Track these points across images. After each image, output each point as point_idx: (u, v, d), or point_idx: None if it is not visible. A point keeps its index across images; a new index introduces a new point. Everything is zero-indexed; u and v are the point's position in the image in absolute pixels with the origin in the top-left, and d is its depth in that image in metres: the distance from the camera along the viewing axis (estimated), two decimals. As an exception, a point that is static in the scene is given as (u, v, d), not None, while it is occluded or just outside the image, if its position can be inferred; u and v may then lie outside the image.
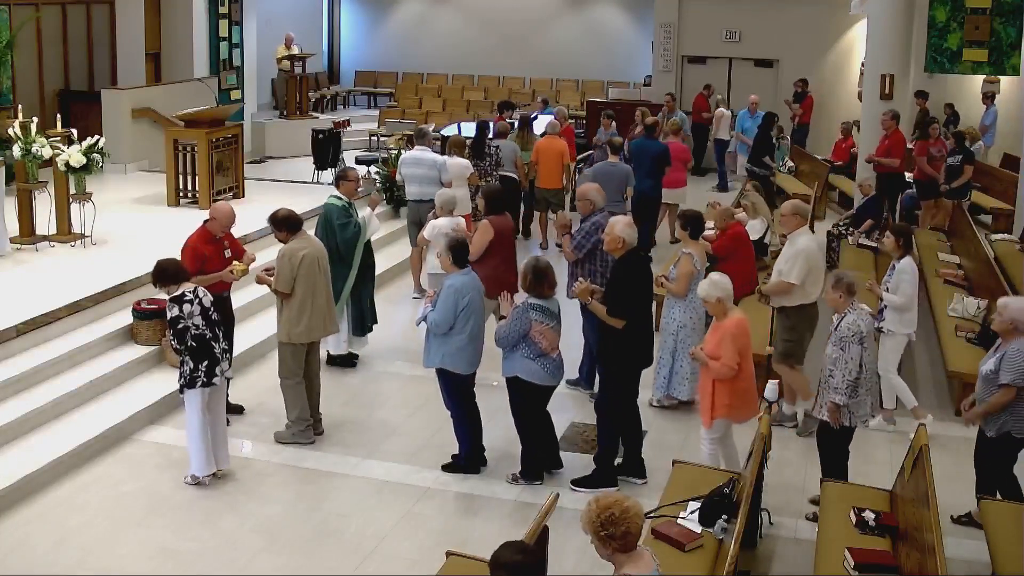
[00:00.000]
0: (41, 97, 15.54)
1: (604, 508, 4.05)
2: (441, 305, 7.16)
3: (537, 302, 7.01)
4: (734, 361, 6.69)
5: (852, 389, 6.63)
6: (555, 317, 7.09)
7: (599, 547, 4.12)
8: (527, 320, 6.96)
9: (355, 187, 9.36)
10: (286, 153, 17.18)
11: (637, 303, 7.19)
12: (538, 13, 22.42)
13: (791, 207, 8.46)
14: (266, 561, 6.33)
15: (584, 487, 7.15)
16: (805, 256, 8.10)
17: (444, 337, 7.18)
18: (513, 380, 7.14)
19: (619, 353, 7.16)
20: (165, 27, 17.47)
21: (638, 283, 7.23)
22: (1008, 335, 6.53)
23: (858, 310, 6.80)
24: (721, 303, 6.83)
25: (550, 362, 7.08)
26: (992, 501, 6.43)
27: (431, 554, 6.13)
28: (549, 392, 7.27)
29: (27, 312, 8.55)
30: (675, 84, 19.89)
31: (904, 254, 8.35)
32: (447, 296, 7.15)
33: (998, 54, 13.34)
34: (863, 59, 15.39)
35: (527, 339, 6.97)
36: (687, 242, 8.57)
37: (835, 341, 6.73)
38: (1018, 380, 6.36)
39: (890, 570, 5.55)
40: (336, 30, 23.94)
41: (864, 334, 6.67)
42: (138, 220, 11.97)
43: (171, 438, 7.81)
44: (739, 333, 6.77)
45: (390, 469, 7.52)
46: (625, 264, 7.23)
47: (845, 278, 6.85)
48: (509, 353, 7.09)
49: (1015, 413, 6.44)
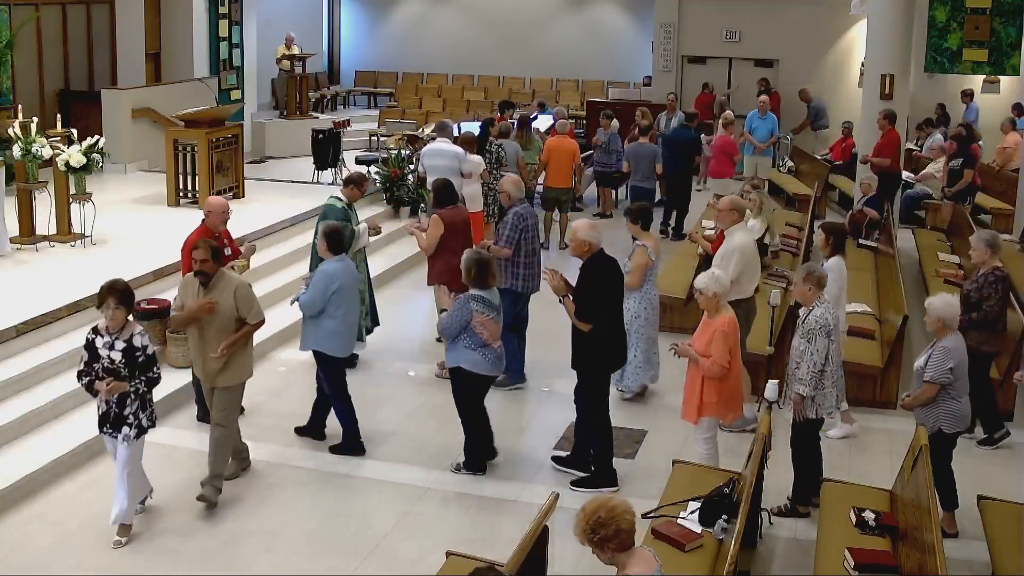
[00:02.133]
0: (41, 97, 15.53)
1: (591, 513, 4.07)
2: (312, 287, 7.51)
3: (479, 293, 7.18)
4: (725, 360, 6.72)
5: (817, 381, 6.68)
6: (495, 308, 7.26)
7: (598, 553, 4.12)
8: (468, 311, 7.12)
9: (360, 195, 9.42)
10: (286, 153, 17.18)
11: (606, 305, 7.21)
12: (538, 13, 22.43)
13: (728, 203, 8.53)
14: (266, 561, 6.33)
15: (584, 487, 7.16)
16: (740, 252, 8.19)
17: (315, 321, 7.49)
18: (456, 371, 7.28)
19: (592, 355, 7.20)
20: (165, 27, 17.46)
21: (606, 285, 7.23)
22: (939, 333, 6.64)
23: (825, 304, 6.85)
24: (716, 299, 6.84)
25: (491, 352, 7.24)
26: (992, 501, 6.43)
27: (431, 554, 6.13)
28: (489, 382, 7.45)
29: (27, 312, 8.55)
30: (675, 84, 19.90)
31: (833, 253, 8.32)
32: (319, 280, 7.49)
33: (998, 54, 13.34)
34: (863, 59, 15.39)
35: (469, 330, 7.13)
36: (640, 234, 8.61)
37: (802, 334, 6.79)
38: (938, 378, 6.50)
39: (890, 570, 5.55)
40: (336, 30, 23.94)
41: (831, 327, 6.73)
42: (138, 220, 11.97)
43: (171, 438, 7.80)
44: (731, 332, 6.81)
45: (390, 469, 7.52)
46: (592, 267, 7.20)
47: (815, 271, 6.90)
48: (452, 344, 7.24)
49: (944, 410, 6.56)
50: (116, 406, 6.31)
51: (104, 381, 6.25)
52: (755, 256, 8.47)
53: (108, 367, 6.28)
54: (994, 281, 7.89)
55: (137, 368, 6.30)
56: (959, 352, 6.57)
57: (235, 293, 6.75)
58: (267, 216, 12.18)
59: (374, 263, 10.12)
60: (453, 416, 7.58)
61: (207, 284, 6.75)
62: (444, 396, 8.72)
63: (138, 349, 6.30)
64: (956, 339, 6.62)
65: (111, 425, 6.36)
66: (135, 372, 6.30)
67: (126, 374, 6.28)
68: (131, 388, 6.28)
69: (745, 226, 8.53)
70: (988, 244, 8.00)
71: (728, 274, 7.98)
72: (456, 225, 9.03)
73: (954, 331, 6.64)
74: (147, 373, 6.35)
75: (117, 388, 6.24)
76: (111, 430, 6.37)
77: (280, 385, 8.93)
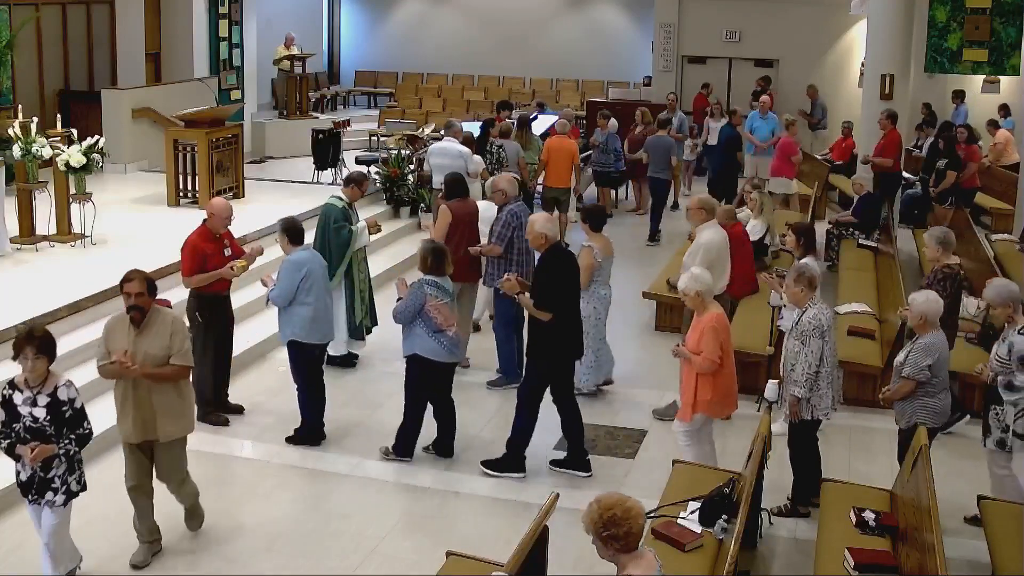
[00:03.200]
0: (41, 97, 15.54)
1: (606, 508, 4.04)
2: (281, 279, 7.63)
3: (432, 279, 7.33)
4: (716, 355, 6.74)
5: (813, 382, 6.68)
6: (449, 294, 7.42)
7: (601, 548, 4.10)
8: (423, 294, 7.25)
9: (361, 194, 9.46)
10: (286, 153, 17.17)
11: (563, 295, 7.32)
12: (538, 13, 22.43)
13: (697, 201, 8.74)
14: (266, 561, 6.33)
15: (492, 470, 7.38)
16: (706, 249, 8.33)
17: (288, 311, 7.60)
18: (412, 358, 7.38)
19: (549, 346, 7.28)
20: (165, 27, 17.47)
21: (563, 276, 7.38)
22: (920, 329, 6.68)
23: (818, 304, 6.85)
24: (700, 297, 6.88)
25: (447, 339, 7.33)
26: (992, 501, 6.43)
27: (431, 554, 6.13)
28: (448, 370, 7.51)
29: (27, 312, 8.54)
30: (675, 84, 19.90)
31: (805, 253, 8.39)
32: (286, 270, 7.64)
33: (998, 54, 13.35)
34: (863, 59, 15.39)
35: (423, 315, 7.24)
36: (590, 235, 8.68)
37: (796, 335, 6.78)
38: (915, 374, 6.54)
39: (890, 570, 5.54)
40: (336, 30, 23.94)
41: (825, 328, 6.73)
42: (138, 220, 11.97)
43: (171, 438, 7.80)
44: (720, 327, 6.82)
45: (390, 469, 7.52)
46: (549, 258, 7.39)
47: (806, 272, 6.90)
48: (408, 333, 7.34)
49: (921, 406, 6.61)
50: (41, 470, 5.56)
51: (28, 446, 5.44)
52: (723, 253, 8.55)
53: (31, 427, 5.48)
54: (943, 278, 8.00)
55: (64, 425, 5.54)
56: (938, 349, 6.61)
57: (172, 332, 5.97)
58: (267, 216, 12.16)
59: (374, 263, 10.12)
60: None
61: (140, 322, 5.95)
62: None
63: (64, 403, 5.53)
64: (937, 336, 6.65)
65: (35, 491, 5.63)
66: (62, 430, 5.53)
67: (52, 433, 5.51)
68: (59, 450, 5.53)
69: (714, 224, 8.61)
70: (939, 242, 8.11)
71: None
72: (463, 218, 9.14)
73: (936, 328, 6.67)
74: (76, 430, 5.60)
75: (44, 453, 5.46)
76: (35, 496, 5.64)
77: (280, 385, 8.92)
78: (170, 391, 6.05)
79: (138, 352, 5.90)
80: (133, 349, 5.90)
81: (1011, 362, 6.45)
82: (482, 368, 9.32)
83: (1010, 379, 6.46)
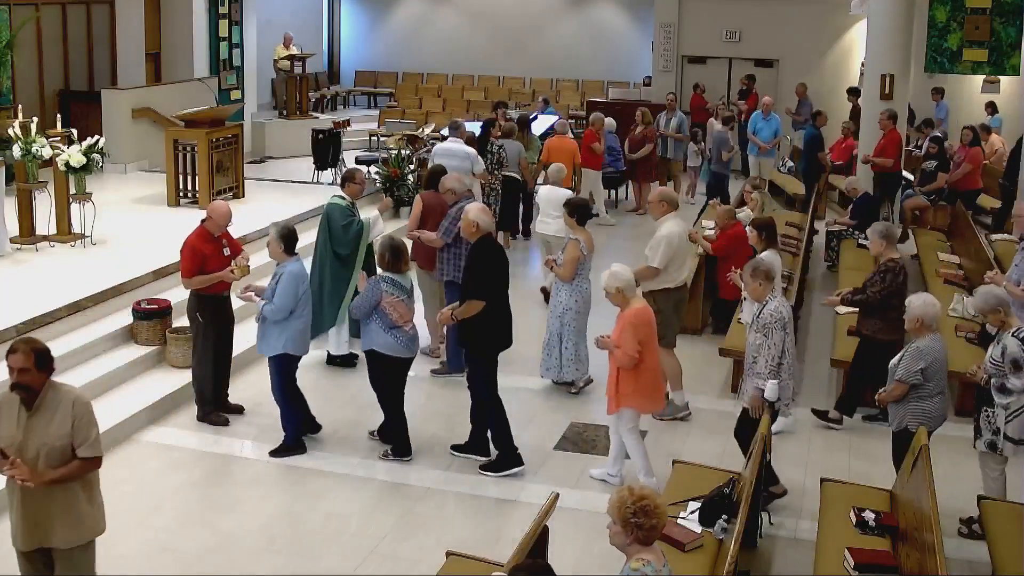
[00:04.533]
0: (41, 97, 15.54)
1: (641, 496, 4.12)
2: (282, 291, 7.41)
3: (390, 276, 7.43)
4: (634, 350, 6.82)
5: (776, 375, 6.73)
6: (407, 292, 7.48)
7: (619, 534, 4.13)
8: (379, 291, 7.33)
9: (361, 189, 9.48)
10: (286, 153, 17.17)
11: (493, 286, 7.41)
12: (538, 13, 22.42)
13: (657, 195, 8.86)
14: (266, 561, 6.33)
15: (491, 471, 7.41)
16: (667, 241, 8.38)
17: (284, 323, 7.46)
18: (370, 353, 7.48)
19: (480, 336, 7.41)
20: (165, 27, 17.47)
21: (493, 266, 7.48)
22: (916, 332, 6.72)
23: (779, 297, 6.90)
24: (621, 293, 6.98)
25: (403, 335, 7.41)
26: (992, 501, 6.43)
27: (431, 554, 6.13)
28: (406, 365, 7.58)
29: (27, 312, 8.54)
30: (675, 84, 19.89)
31: (766, 247, 8.48)
32: (288, 282, 7.43)
33: (998, 54, 13.35)
34: (863, 59, 15.38)
35: (379, 311, 7.31)
36: (574, 228, 8.81)
37: (758, 328, 6.84)
38: (908, 378, 6.59)
39: (890, 570, 5.55)
40: (336, 30, 23.94)
41: (786, 320, 6.78)
42: (138, 220, 11.97)
43: (171, 438, 7.82)
44: (639, 323, 6.90)
45: (390, 469, 7.52)
46: (480, 248, 7.51)
47: (761, 266, 6.96)
48: (365, 328, 7.44)
49: (911, 409, 6.64)
50: None
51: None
52: (683, 245, 8.64)
53: None
54: (884, 271, 8.13)
55: None
56: (933, 353, 6.62)
57: (75, 417, 4.81)
58: (267, 216, 12.14)
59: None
60: (453, 416, 7.60)
61: (32, 404, 4.80)
62: (444, 396, 8.75)
63: None
64: (933, 340, 6.67)
65: None
66: None
67: None
68: None
69: (675, 217, 8.72)
70: (881, 236, 8.25)
71: (655, 263, 8.34)
72: (435, 207, 9.35)
73: (932, 332, 6.69)
74: None
75: None
76: None
77: (280, 385, 8.93)
78: (73, 489, 4.89)
79: (31, 440, 4.77)
80: (23, 437, 4.78)
81: (1004, 365, 6.46)
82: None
83: (1003, 382, 6.47)
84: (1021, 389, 6.42)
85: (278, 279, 7.47)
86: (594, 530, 6.30)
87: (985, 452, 6.65)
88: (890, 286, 8.06)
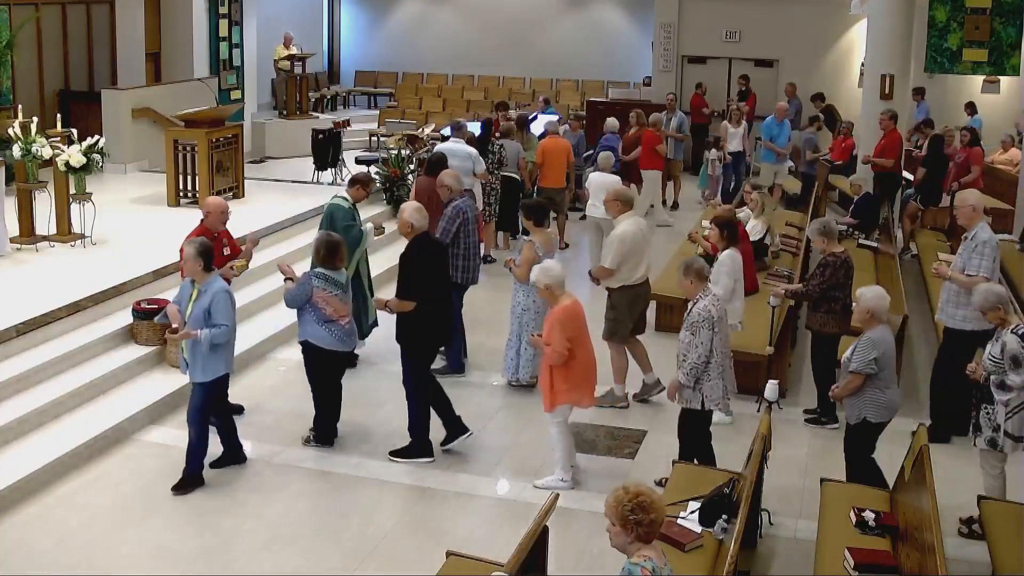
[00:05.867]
0: (41, 97, 15.54)
1: (636, 494, 4.11)
2: (224, 311, 6.94)
3: (323, 271, 7.51)
4: (563, 346, 6.91)
5: (702, 372, 6.80)
6: (340, 286, 7.59)
7: (620, 533, 4.12)
8: (309, 286, 7.47)
9: (366, 196, 9.52)
10: (286, 153, 17.18)
11: (429, 284, 7.52)
12: (538, 13, 22.41)
13: (613, 194, 8.97)
14: (266, 561, 6.33)
15: (402, 458, 7.56)
16: (619, 241, 8.50)
17: (218, 345, 6.98)
18: (304, 344, 7.62)
19: (415, 333, 7.53)
20: (165, 27, 17.47)
21: (428, 265, 7.58)
22: (866, 324, 6.78)
23: (710, 296, 6.96)
24: (550, 290, 7.08)
25: (338, 328, 7.55)
26: (992, 501, 6.43)
27: (431, 554, 6.13)
28: (340, 358, 7.75)
29: (27, 312, 8.54)
30: (675, 84, 19.89)
31: (727, 246, 8.54)
32: (225, 300, 6.97)
33: (998, 54, 13.34)
34: (863, 59, 15.38)
35: (313, 305, 7.46)
36: (532, 230, 8.91)
37: (687, 326, 6.92)
38: (862, 368, 6.64)
39: (890, 570, 5.55)
40: (336, 30, 23.93)
41: (716, 319, 6.84)
42: (138, 220, 11.97)
43: (171, 438, 7.81)
44: (567, 319, 6.98)
45: (390, 469, 7.52)
46: (415, 246, 7.59)
47: (694, 264, 7.03)
48: (301, 320, 7.59)
49: (870, 400, 6.69)
50: None
51: None
52: (639, 244, 8.70)
53: None
54: (824, 265, 8.22)
55: None
56: (884, 344, 6.70)
57: None
58: (267, 216, 12.18)
59: (374, 263, 10.12)
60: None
61: None
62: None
63: None
64: (883, 331, 6.76)
65: None
66: None
67: None
68: None
69: (632, 216, 8.81)
70: (820, 232, 8.37)
71: (607, 263, 8.48)
72: (424, 191, 10.08)
73: (882, 323, 6.77)
74: None
75: None
76: None
77: (280, 385, 8.93)
78: None
79: None
80: None
81: (1004, 362, 6.47)
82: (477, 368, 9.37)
83: (1003, 379, 6.49)
84: (1021, 385, 6.43)
85: (210, 300, 6.90)
86: (594, 530, 6.31)
87: (985, 449, 6.65)
88: (830, 279, 8.16)
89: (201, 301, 6.93)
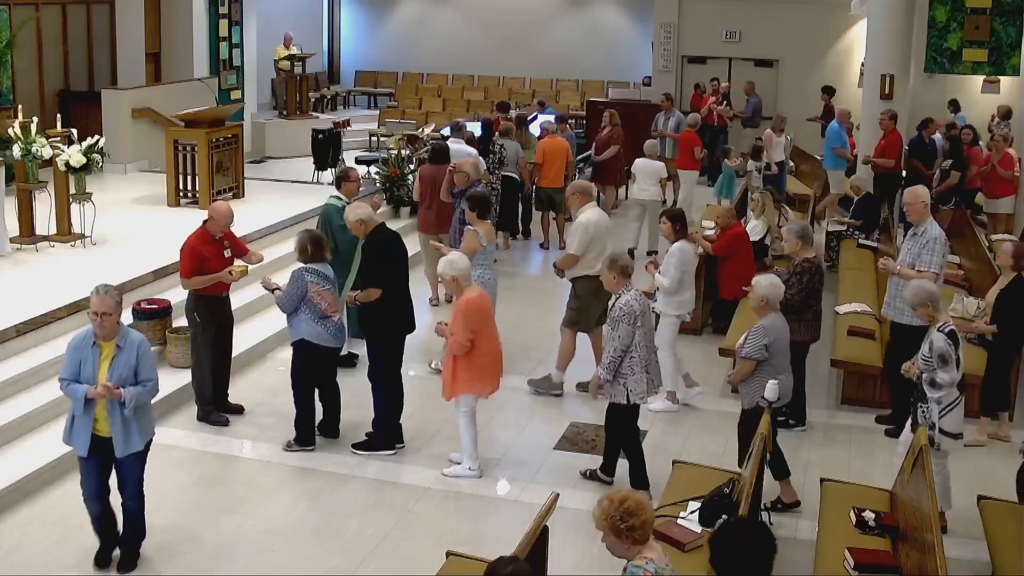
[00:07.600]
0: (41, 97, 15.54)
1: (620, 501, 4.13)
2: (152, 365, 5.96)
3: (312, 266, 7.57)
4: (466, 338, 7.00)
5: (619, 367, 6.89)
6: (330, 281, 7.65)
7: (615, 543, 4.13)
8: (304, 282, 7.47)
9: (356, 188, 9.48)
10: (286, 153, 17.18)
11: (389, 275, 7.72)
12: (538, 13, 22.43)
13: (572, 187, 9.26)
14: (266, 561, 6.33)
15: (364, 450, 7.68)
16: (583, 228, 8.67)
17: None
18: (299, 344, 7.60)
19: (381, 322, 7.69)
20: (165, 27, 17.47)
21: (387, 256, 7.79)
22: (761, 311, 6.84)
23: (632, 291, 7.02)
24: (456, 282, 7.16)
25: (332, 325, 7.61)
26: (992, 501, 6.43)
27: (431, 554, 6.13)
28: (333, 355, 7.84)
29: (27, 312, 8.55)
30: (675, 84, 19.91)
31: (678, 238, 8.62)
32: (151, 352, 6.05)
33: (998, 54, 13.34)
34: (863, 59, 15.37)
35: (307, 302, 7.47)
36: (475, 221, 9.03)
37: (608, 321, 7.01)
38: (753, 354, 6.68)
39: (890, 570, 5.55)
40: (336, 30, 23.94)
41: (637, 314, 6.89)
42: (138, 220, 11.97)
43: (171, 438, 7.80)
44: (471, 311, 7.05)
45: (390, 469, 7.52)
46: (372, 240, 7.79)
47: (619, 260, 7.11)
48: (294, 319, 7.56)
49: (762, 385, 6.65)
50: None
51: None
52: (601, 233, 8.80)
53: None
54: (800, 271, 8.09)
55: None
56: (776, 330, 6.74)
57: None
58: (267, 216, 12.18)
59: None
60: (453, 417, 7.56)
61: None
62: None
63: None
64: (776, 318, 6.81)
65: None
66: None
67: None
68: None
69: (592, 206, 8.97)
70: (797, 235, 8.24)
71: (572, 250, 8.71)
72: (427, 179, 10.88)
73: (775, 311, 6.82)
74: None
75: None
76: None
77: (280, 385, 8.91)
78: None
79: None
80: None
81: (932, 360, 6.48)
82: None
83: (933, 377, 6.50)
84: (951, 383, 6.48)
85: (136, 355, 5.85)
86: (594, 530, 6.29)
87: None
88: (808, 286, 8.04)
89: (123, 357, 5.82)
